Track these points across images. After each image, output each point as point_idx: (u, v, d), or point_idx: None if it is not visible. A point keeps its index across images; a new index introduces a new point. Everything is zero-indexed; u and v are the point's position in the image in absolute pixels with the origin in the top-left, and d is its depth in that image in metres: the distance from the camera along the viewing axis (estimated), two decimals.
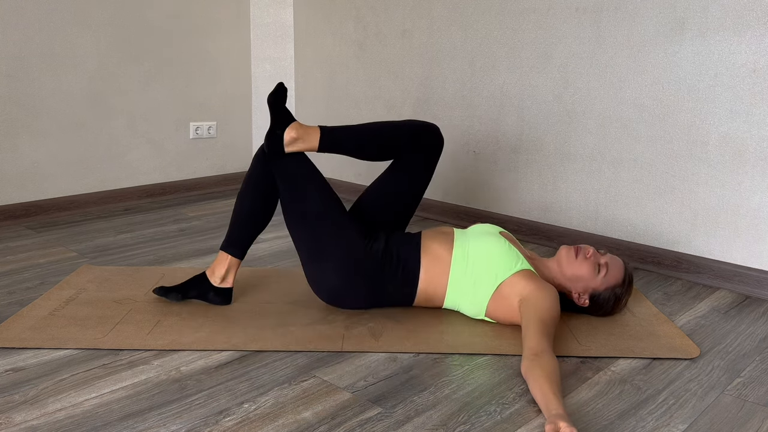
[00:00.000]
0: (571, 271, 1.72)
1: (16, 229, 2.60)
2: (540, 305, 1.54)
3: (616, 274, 1.72)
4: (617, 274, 1.72)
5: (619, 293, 1.73)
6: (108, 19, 2.89)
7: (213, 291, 1.80)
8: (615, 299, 1.74)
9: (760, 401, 1.39)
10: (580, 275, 1.71)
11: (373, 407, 1.32)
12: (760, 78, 1.97)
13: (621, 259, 1.76)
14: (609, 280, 1.71)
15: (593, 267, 1.70)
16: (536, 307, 1.54)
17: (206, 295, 1.80)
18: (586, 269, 1.70)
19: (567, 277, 1.73)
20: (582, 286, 1.72)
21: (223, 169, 3.48)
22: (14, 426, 1.22)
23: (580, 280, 1.71)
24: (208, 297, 1.80)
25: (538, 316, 1.50)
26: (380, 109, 3.10)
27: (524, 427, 1.27)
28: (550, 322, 1.50)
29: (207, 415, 1.28)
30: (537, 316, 1.50)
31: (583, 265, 1.70)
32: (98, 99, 2.92)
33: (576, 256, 1.72)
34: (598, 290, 1.72)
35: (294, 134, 1.72)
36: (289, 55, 3.50)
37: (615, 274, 1.71)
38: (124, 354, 1.53)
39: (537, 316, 1.50)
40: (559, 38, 2.42)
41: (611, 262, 1.72)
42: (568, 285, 1.73)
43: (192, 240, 2.49)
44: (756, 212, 2.03)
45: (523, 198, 2.63)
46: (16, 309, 1.78)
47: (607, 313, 1.77)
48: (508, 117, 2.62)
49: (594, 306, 1.75)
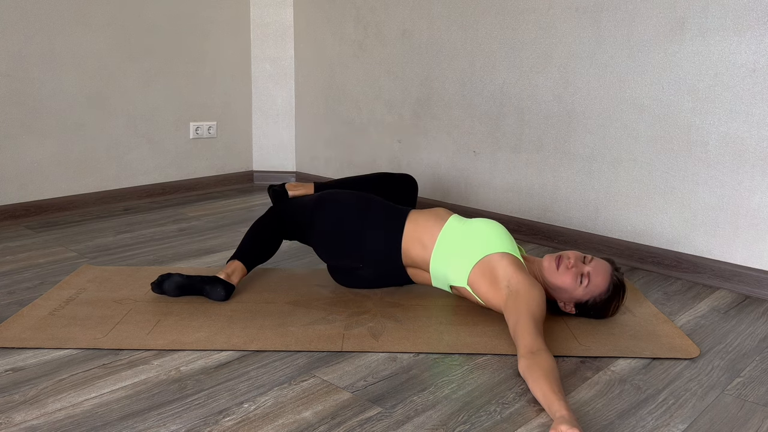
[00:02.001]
0: (553, 281, 1.70)
1: (16, 229, 2.60)
2: (530, 302, 1.54)
3: (600, 282, 1.66)
4: (601, 282, 1.67)
5: (605, 298, 1.69)
6: (108, 19, 2.89)
7: (219, 281, 1.82)
8: (603, 305, 1.70)
9: (760, 401, 1.39)
10: (563, 287, 1.68)
11: (373, 407, 1.32)
12: (760, 78, 1.97)
13: (610, 263, 1.71)
14: (592, 290, 1.67)
15: (575, 277, 1.66)
16: (527, 304, 1.53)
17: (208, 284, 1.82)
18: (568, 280, 1.66)
19: (550, 287, 1.72)
20: (566, 296, 1.70)
21: (223, 169, 3.48)
22: (14, 426, 1.22)
23: (563, 291, 1.70)
24: (208, 289, 1.82)
25: (529, 314, 1.50)
26: (380, 109, 3.10)
27: (524, 426, 1.27)
28: (540, 320, 1.50)
29: (207, 415, 1.28)
30: (528, 313, 1.50)
31: (565, 276, 1.67)
32: (98, 99, 2.92)
33: (558, 267, 1.68)
34: (581, 300, 1.69)
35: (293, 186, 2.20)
36: (289, 55, 3.50)
37: (598, 283, 1.66)
38: (124, 354, 1.53)
39: (528, 314, 1.50)
40: (559, 38, 2.42)
41: (595, 271, 1.67)
42: (552, 294, 1.73)
43: (192, 240, 2.49)
44: (756, 212, 2.03)
45: (523, 198, 2.63)
46: (16, 309, 1.78)
47: (600, 317, 1.76)
48: (508, 117, 2.62)
49: (583, 312, 1.74)
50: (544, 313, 1.54)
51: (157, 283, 1.81)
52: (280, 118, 3.57)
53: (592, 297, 1.68)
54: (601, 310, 1.72)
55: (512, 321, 1.51)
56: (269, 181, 3.63)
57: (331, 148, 3.39)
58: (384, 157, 3.13)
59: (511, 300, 1.57)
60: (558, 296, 1.73)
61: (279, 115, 3.57)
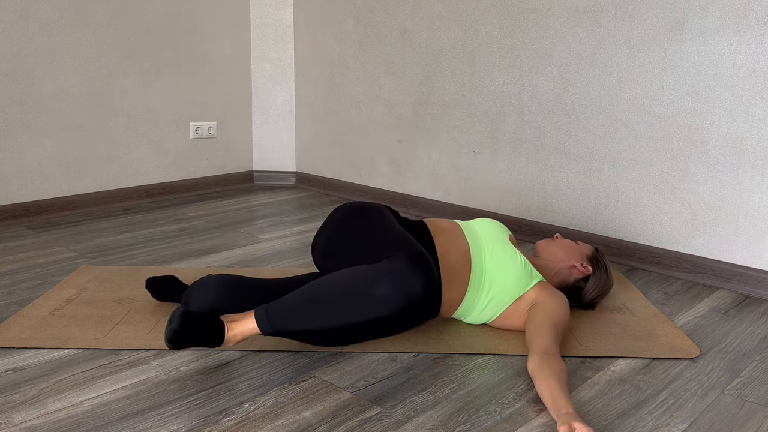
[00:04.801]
0: (560, 249, 1.81)
1: (16, 229, 2.60)
2: (552, 310, 1.55)
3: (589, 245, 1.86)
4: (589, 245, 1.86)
5: (604, 260, 1.80)
6: (108, 19, 2.89)
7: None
8: (605, 264, 1.80)
9: (760, 401, 1.39)
10: (569, 248, 1.81)
11: (373, 407, 1.32)
12: (760, 78, 1.97)
13: None
14: (588, 247, 1.83)
15: (570, 241, 1.85)
16: (549, 312, 1.54)
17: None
18: (568, 242, 1.83)
19: (561, 256, 1.79)
20: (577, 254, 1.79)
21: (223, 169, 3.48)
22: (14, 426, 1.22)
23: (571, 251, 1.80)
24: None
25: (551, 320, 1.51)
26: (380, 109, 3.10)
27: (524, 427, 1.27)
28: (561, 328, 1.51)
29: (207, 415, 1.28)
30: (550, 319, 1.51)
31: (563, 242, 1.84)
32: (98, 99, 2.92)
33: (553, 240, 1.85)
34: (587, 255, 1.80)
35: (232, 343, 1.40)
36: (289, 55, 3.50)
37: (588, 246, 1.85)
38: (124, 354, 1.53)
39: (550, 320, 1.50)
40: (559, 38, 2.42)
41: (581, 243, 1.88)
42: (568, 260, 1.77)
43: (192, 240, 2.49)
44: (756, 212, 2.03)
45: (523, 198, 2.63)
46: (16, 309, 1.78)
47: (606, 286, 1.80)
48: (508, 117, 2.62)
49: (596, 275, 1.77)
50: (566, 322, 1.55)
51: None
52: (280, 118, 3.57)
53: (590, 251, 1.81)
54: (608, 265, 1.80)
55: (532, 325, 1.51)
56: (270, 181, 3.63)
57: (330, 148, 3.39)
58: (384, 158, 3.13)
59: (533, 309, 1.58)
60: (572, 259, 1.78)
61: (279, 115, 3.57)
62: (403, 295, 1.31)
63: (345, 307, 1.34)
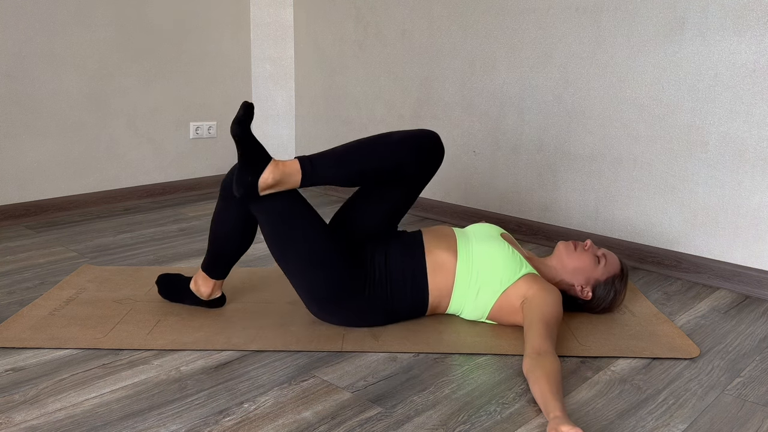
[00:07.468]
0: (572, 263, 1.73)
1: (16, 229, 2.60)
2: (543, 306, 1.54)
3: (615, 263, 1.75)
4: (616, 263, 1.76)
5: (618, 287, 1.75)
6: (108, 19, 2.89)
7: (205, 304, 1.79)
8: (614, 293, 1.75)
9: (760, 401, 1.39)
10: (582, 267, 1.73)
11: (373, 407, 1.32)
12: (760, 78, 1.97)
13: None
14: (609, 269, 1.73)
15: (593, 257, 1.73)
16: (540, 308, 1.54)
17: (200, 303, 1.79)
18: (587, 260, 1.73)
19: (569, 271, 1.73)
20: (584, 278, 1.73)
21: (223, 169, 3.48)
22: (14, 426, 1.22)
23: (581, 271, 1.73)
24: (202, 304, 1.80)
25: (541, 317, 1.50)
26: (380, 109, 3.10)
27: (524, 426, 1.27)
28: (553, 324, 1.50)
29: (207, 415, 1.28)
30: (540, 316, 1.51)
31: (583, 256, 1.73)
32: (98, 99, 2.92)
33: (575, 249, 1.75)
34: (599, 280, 1.73)
35: (270, 180, 1.49)
36: (289, 55, 3.50)
37: (614, 263, 1.75)
38: (124, 354, 1.53)
39: (540, 317, 1.50)
40: (559, 38, 2.42)
41: (608, 254, 1.76)
42: (571, 279, 1.74)
43: (192, 240, 2.49)
44: (756, 212, 2.03)
45: (523, 198, 2.63)
46: (16, 309, 1.78)
47: (606, 308, 1.78)
48: (508, 117, 2.62)
49: (594, 300, 1.75)
50: (558, 316, 1.54)
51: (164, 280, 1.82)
52: (280, 118, 3.57)
53: (609, 276, 1.73)
54: (613, 298, 1.75)
55: (526, 324, 1.52)
56: None
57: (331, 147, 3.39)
58: None
59: (526, 306, 1.58)
60: (576, 279, 1.73)
61: (279, 115, 3.56)
62: (417, 134, 1.60)
63: (374, 149, 1.57)
